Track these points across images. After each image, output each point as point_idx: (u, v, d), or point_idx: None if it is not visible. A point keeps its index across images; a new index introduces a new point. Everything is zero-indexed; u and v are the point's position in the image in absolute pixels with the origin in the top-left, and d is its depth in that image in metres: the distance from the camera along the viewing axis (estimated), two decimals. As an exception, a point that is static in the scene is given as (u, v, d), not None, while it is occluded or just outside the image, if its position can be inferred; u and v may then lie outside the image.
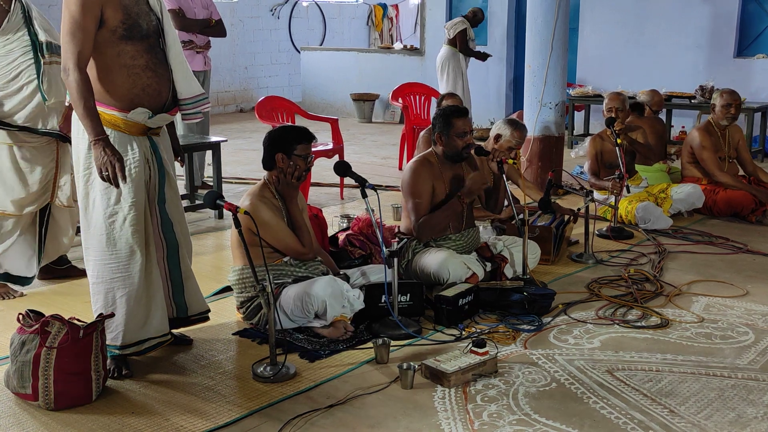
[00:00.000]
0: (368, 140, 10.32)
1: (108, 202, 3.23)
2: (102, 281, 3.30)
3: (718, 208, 6.00)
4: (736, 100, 6.08)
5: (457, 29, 8.94)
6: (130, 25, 3.16)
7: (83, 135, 3.21)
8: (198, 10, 6.67)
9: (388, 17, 15.23)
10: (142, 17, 3.21)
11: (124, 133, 3.23)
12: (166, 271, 3.49)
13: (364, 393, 3.19)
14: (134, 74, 3.20)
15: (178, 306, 3.56)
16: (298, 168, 3.78)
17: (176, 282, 3.53)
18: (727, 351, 3.61)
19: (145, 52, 3.22)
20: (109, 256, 3.27)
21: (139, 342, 3.35)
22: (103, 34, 3.14)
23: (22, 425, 2.97)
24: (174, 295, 3.54)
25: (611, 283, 4.51)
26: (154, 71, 3.25)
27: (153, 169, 3.35)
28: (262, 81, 13.56)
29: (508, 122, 5.06)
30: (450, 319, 3.86)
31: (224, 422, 2.97)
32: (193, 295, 3.62)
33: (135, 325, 3.32)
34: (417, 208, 4.29)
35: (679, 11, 9.44)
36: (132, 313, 3.30)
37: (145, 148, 3.31)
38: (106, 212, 3.24)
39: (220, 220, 6.11)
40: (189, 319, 3.63)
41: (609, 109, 5.89)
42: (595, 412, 3.04)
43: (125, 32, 3.15)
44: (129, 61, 3.19)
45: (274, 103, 7.28)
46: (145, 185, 3.31)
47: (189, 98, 3.39)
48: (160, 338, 3.41)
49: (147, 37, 3.23)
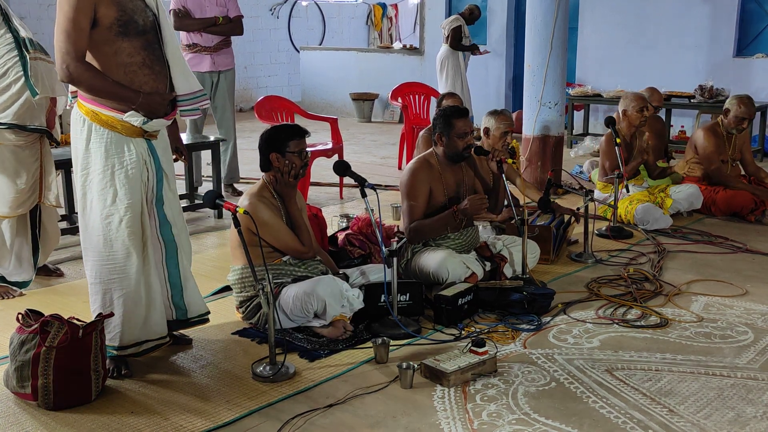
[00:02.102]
0: (368, 140, 10.32)
1: (104, 203, 3.23)
2: (100, 281, 3.30)
3: (718, 207, 6.00)
4: (752, 114, 6.06)
5: (451, 26, 8.95)
6: (126, 21, 3.14)
7: (80, 134, 3.22)
8: (211, 8, 6.53)
9: (388, 17, 15.23)
10: (138, 13, 3.20)
11: (120, 134, 3.22)
12: (165, 273, 3.48)
13: (364, 393, 3.19)
14: (131, 72, 3.19)
15: (177, 308, 3.55)
16: (294, 166, 3.78)
17: (175, 284, 3.52)
18: (726, 350, 3.61)
19: (142, 49, 3.21)
20: (106, 257, 3.26)
21: (138, 343, 3.34)
22: (99, 32, 3.13)
23: (21, 425, 2.97)
24: (173, 297, 3.53)
25: (611, 282, 4.51)
26: (151, 68, 3.24)
27: (150, 171, 3.34)
28: (261, 81, 13.56)
29: (489, 114, 5.14)
30: (449, 318, 3.86)
31: (223, 422, 2.97)
32: (193, 297, 3.61)
33: (133, 326, 3.31)
34: (411, 210, 4.29)
35: (678, 10, 9.44)
36: (130, 314, 3.30)
37: (142, 150, 3.29)
38: (102, 213, 3.23)
39: (219, 219, 6.11)
40: (188, 321, 3.63)
41: (641, 108, 5.82)
42: (594, 411, 3.04)
43: (121, 29, 3.14)
44: (126, 59, 3.17)
45: (273, 102, 7.28)
46: (142, 186, 3.30)
47: (187, 94, 3.37)
48: (158, 340, 3.40)
49: (144, 33, 3.21)
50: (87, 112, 3.19)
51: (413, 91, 9.08)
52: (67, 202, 5.61)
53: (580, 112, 9.87)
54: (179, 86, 3.34)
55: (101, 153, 3.20)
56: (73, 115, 3.26)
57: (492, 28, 11.20)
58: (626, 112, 5.83)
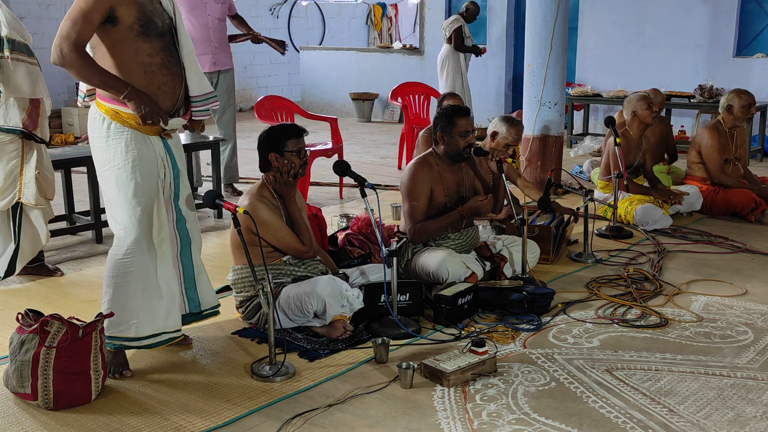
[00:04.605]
0: (367, 140, 10.32)
1: (126, 196, 3.28)
2: (118, 274, 3.32)
3: (718, 208, 6.00)
4: (754, 99, 6.17)
5: (452, 28, 8.95)
6: (146, 21, 3.22)
7: (100, 132, 3.28)
8: (210, 5, 6.55)
9: (387, 16, 15.23)
10: (157, 15, 3.27)
11: (139, 132, 3.28)
12: (179, 266, 3.53)
13: (364, 392, 3.19)
14: (151, 72, 3.26)
15: (191, 301, 3.60)
16: (293, 165, 3.78)
17: (189, 277, 3.57)
18: (726, 350, 3.61)
19: (161, 50, 3.28)
20: (123, 250, 3.30)
21: (153, 335, 3.36)
22: (119, 31, 3.19)
23: (21, 425, 2.96)
24: (187, 290, 3.58)
25: (610, 282, 4.52)
26: (169, 69, 3.31)
27: (168, 167, 3.41)
28: (261, 80, 13.56)
29: (504, 119, 5.08)
30: (449, 318, 3.86)
31: (223, 422, 2.97)
32: (206, 290, 3.66)
33: (152, 318, 3.34)
34: (413, 211, 4.30)
35: (678, 10, 9.44)
36: (148, 306, 3.32)
37: (159, 148, 3.37)
38: (123, 206, 3.29)
39: (219, 219, 6.12)
40: (201, 314, 3.66)
41: (649, 105, 5.85)
42: (594, 411, 3.04)
43: (142, 29, 3.21)
44: (146, 59, 3.25)
45: (273, 102, 7.28)
46: (160, 183, 3.37)
47: (200, 96, 3.46)
48: (173, 333, 3.42)
49: (162, 36, 3.29)
50: (107, 111, 3.26)
51: (413, 90, 9.08)
52: (67, 201, 5.61)
53: (579, 112, 9.87)
54: (193, 87, 3.43)
55: (122, 148, 3.27)
56: (92, 114, 3.33)
57: (492, 28, 11.20)
58: (636, 113, 5.85)
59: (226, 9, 6.67)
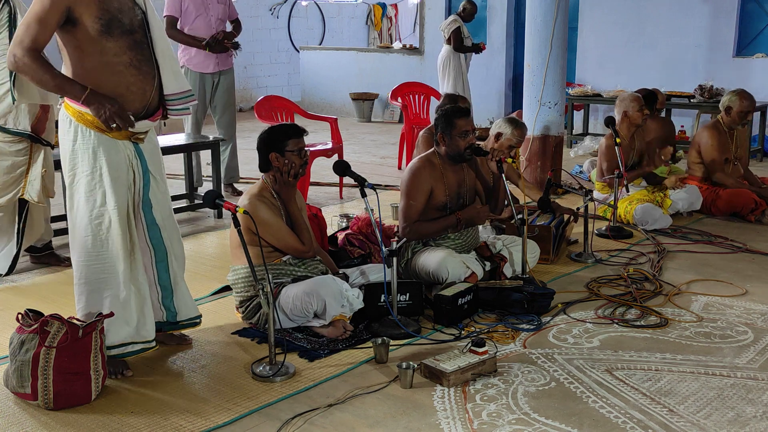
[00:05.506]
0: (367, 139, 10.31)
1: (94, 204, 3.22)
2: (86, 282, 3.28)
3: (718, 208, 6.00)
4: (754, 106, 6.14)
5: (451, 29, 8.94)
6: (108, 20, 3.10)
7: (67, 135, 3.21)
8: (213, 5, 6.52)
9: (387, 16, 15.22)
10: (124, 12, 3.16)
11: (107, 136, 3.20)
12: (154, 275, 3.45)
13: (364, 392, 3.19)
14: (117, 72, 3.16)
15: (167, 310, 3.54)
16: (293, 165, 3.78)
17: (165, 286, 3.50)
18: (726, 350, 3.61)
19: (128, 49, 3.17)
20: (95, 257, 3.25)
21: (123, 345, 3.31)
22: (81, 32, 3.09)
23: (21, 425, 2.96)
24: (163, 299, 3.51)
25: (610, 282, 4.51)
26: (138, 69, 3.21)
27: (137, 174, 3.32)
28: (261, 80, 13.56)
29: (508, 121, 5.07)
30: (449, 318, 3.86)
31: (223, 422, 2.97)
32: (183, 300, 3.59)
33: (119, 327, 3.28)
34: (408, 209, 4.29)
35: (678, 10, 9.44)
36: (117, 315, 3.26)
37: (129, 152, 3.28)
38: (92, 214, 3.23)
39: (219, 219, 6.11)
40: (178, 324, 3.61)
41: (641, 107, 5.82)
42: (594, 411, 3.04)
43: (103, 28, 3.09)
44: (112, 59, 3.14)
45: (273, 102, 7.28)
46: (129, 189, 3.29)
47: (176, 93, 3.35)
48: (145, 344, 3.37)
49: (131, 33, 3.18)
50: (73, 113, 3.18)
51: (413, 90, 9.08)
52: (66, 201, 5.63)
53: (579, 112, 9.87)
54: (168, 85, 3.31)
55: (89, 154, 3.19)
56: (61, 116, 3.25)
57: (492, 28, 11.19)
58: (627, 113, 5.82)
59: (227, 10, 6.68)
